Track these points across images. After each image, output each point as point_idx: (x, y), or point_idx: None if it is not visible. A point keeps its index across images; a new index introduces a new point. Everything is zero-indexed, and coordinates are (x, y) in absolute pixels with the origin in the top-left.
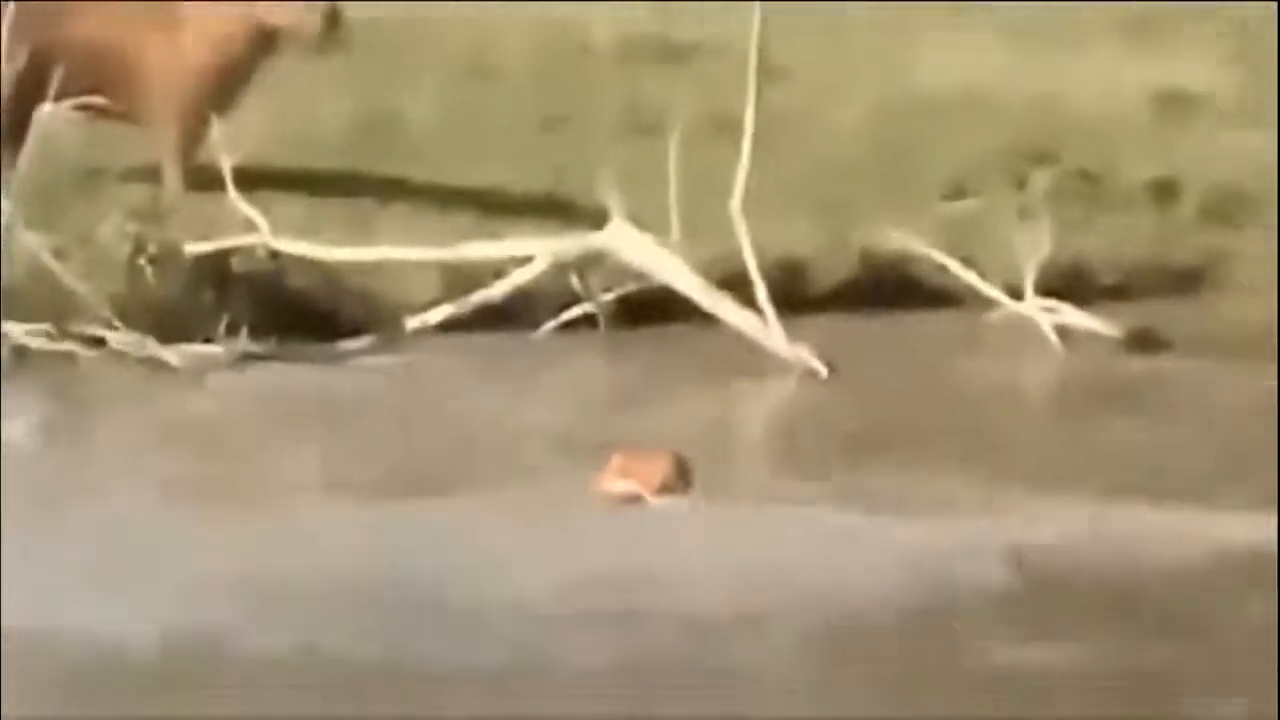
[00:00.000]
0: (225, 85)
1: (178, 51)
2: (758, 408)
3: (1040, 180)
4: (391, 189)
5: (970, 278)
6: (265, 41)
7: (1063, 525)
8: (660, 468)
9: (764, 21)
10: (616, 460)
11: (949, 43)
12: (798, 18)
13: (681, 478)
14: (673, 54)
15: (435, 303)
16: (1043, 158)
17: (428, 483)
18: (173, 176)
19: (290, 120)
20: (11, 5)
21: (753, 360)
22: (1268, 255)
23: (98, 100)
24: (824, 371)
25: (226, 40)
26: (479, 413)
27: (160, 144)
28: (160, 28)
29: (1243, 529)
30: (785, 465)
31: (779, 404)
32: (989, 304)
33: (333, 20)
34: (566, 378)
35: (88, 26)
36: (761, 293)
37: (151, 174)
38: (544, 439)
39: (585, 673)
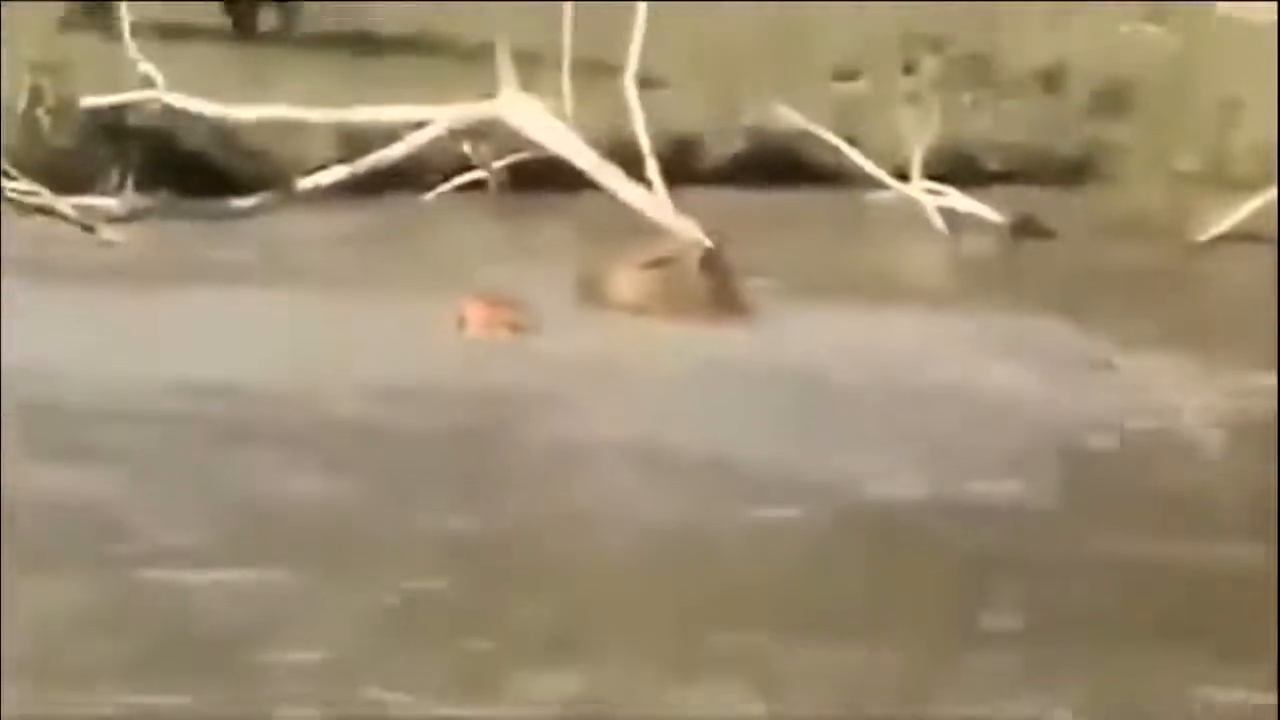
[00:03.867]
0: None
1: None
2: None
3: (930, 64)
4: (290, 45)
5: (858, 158)
6: None
7: None
8: (509, 311)
9: None
10: (474, 309)
11: None
12: None
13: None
14: None
15: (328, 164)
16: (933, 43)
17: None
18: None
19: None
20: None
21: (638, 230)
22: (1151, 148)
23: None
24: (708, 243)
25: None
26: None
27: None
28: None
29: None
30: None
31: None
32: (877, 184)
33: None
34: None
35: None
36: (652, 166)
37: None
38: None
39: None
